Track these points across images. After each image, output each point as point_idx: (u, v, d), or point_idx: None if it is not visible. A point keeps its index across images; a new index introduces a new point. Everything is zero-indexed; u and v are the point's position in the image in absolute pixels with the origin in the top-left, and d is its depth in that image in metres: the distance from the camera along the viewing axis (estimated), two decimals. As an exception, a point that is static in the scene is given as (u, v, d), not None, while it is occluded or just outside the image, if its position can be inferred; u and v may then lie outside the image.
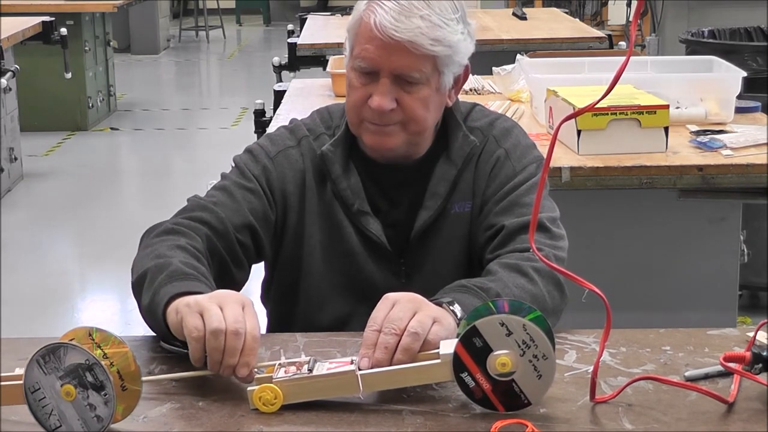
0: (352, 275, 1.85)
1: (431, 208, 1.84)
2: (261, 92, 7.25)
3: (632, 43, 1.42)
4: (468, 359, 1.39)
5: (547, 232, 1.77)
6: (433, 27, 1.72)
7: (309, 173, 1.87)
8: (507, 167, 1.84)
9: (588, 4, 8.98)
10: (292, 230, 1.87)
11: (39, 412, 1.36)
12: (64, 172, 6.71)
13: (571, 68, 3.33)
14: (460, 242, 1.85)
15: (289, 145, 1.89)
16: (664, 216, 2.90)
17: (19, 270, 4.95)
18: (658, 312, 2.92)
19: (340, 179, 1.85)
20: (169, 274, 1.59)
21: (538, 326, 1.38)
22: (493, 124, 1.90)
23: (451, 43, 1.74)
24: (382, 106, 1.75)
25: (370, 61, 1.75)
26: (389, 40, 1.71)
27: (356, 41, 1.77)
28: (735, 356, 1.44)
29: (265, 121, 3.70)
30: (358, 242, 1.85)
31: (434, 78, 1.77)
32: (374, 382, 1.43)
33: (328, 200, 1.86)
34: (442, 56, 1.75)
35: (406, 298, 1.49)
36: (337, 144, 1.86)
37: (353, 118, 1.81)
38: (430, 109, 1.79)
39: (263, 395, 1.41)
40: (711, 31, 4.81)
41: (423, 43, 1.71)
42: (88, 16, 7.71)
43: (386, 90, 1.75)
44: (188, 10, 13.32)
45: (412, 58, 1.73)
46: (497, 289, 1.62)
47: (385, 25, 1.71)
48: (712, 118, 3.06)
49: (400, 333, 1.44)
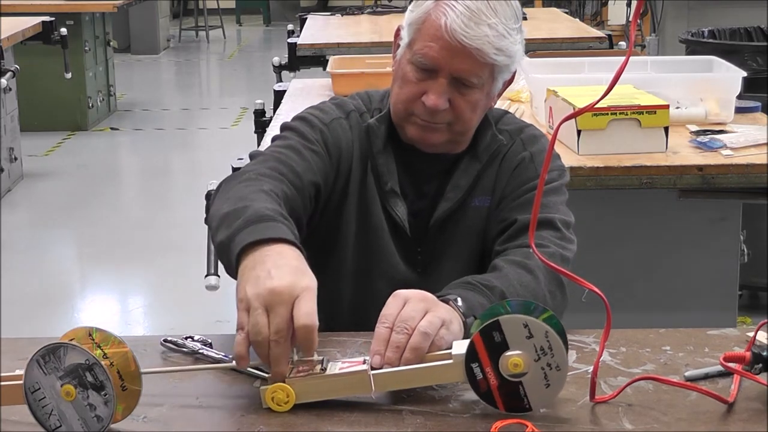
0: (375, 253, 1.87)
1: (452, 199, 1.87)
2: (261, 92, 7.25)
3: (632, 43, 1.42)
4: (483, 351, 1.39)
5: (558, 231, 1.79)
6: (498, 36, 1.74)
7: (356, 144, 1.89)
8: (530, 169, 1.87)
9: (588, 4, 8.99)
10: (336, 198, 1.88)
11: (39, 412, 1.36)
12: (64, 172, 6.71)
13: (571, 68, 3.33)
14: (476, 236, 1.88)
15: (339, 116, 1.91)
16: (664, 216, 2.90)
17: (19, 270, 4.95)
18: (658, 312, 2.92)
19: (380, 154, 1.87)
20: (249, 217, 1.53)
21: (558, 335, 1.37)
22: (522, 130, 1.93)
23: (512, 53, 1.78)
24: (438, 106, 1.78)
25: (433, 60, 1.77)
26: (456, 44, 1.73)
27: (419, 36, 1.78)
28: (735, 356, 1.44)
29: (265, 121, 3.70)
30: (384, 220, 1.88)
31: (489, 84, 1.80)
32: (387, 382, 1.43)
33: (367, 175, 1.89)
34: (502, 65, 1.78)
35: (417, 297, 1.49)
36: (381, 121, 1.89)
37: (401, 110, 1.83)
38: (477, 113, 1.82)
39: (276, 395, 1.41)
40: (711, 31, 4.80)
41: (488, 51, 1.74)
42: (88, 16, 7.71)
43: (443, 90, 1.78)
44: (188, 10, 13.32)
45: (475, 64, 1.75)
46: (502, 287, 1.64)
47: (455, 29, 1.73)
48: (712, 118, 3.06)
49: (410, 332, 1.44)
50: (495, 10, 1.75)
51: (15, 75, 5.96)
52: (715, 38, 4.77)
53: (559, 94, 2.84)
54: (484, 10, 1.74)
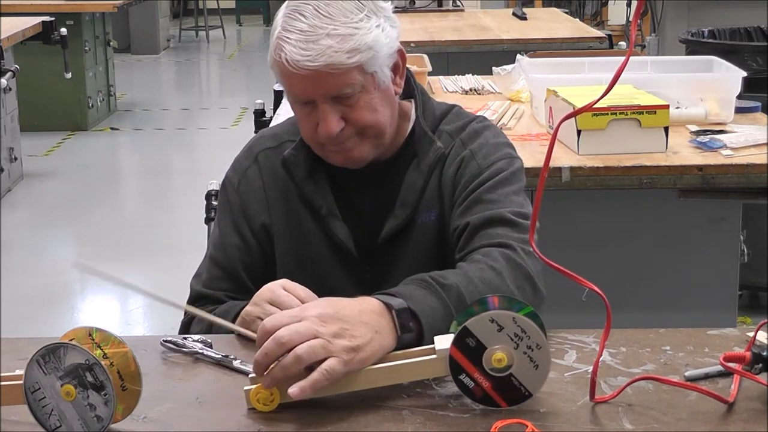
0: (320, 282, 1.78)
1: (400, 217, 1.81)
2: (261, 92, 7.25)
3: (632, 43, 1.41)
4: (464, 360, 1.39)
5: (514, 226, 1.71)
6: (343, 39, 1.67)
7: (269, 186, 1.87)
8: (472, 166, 1.80)
9: (588, 4, 8.98)
10: (269, 245, 1.88)
11: (39, 412, 1.36)
12: (64, 172, 6.71)
13: (571, 68, 3.33)
14: (426, 252, 1.81)
15: (246, 166, 1.90)
16: (664, 216, 2.90)
17: (19, 270, 4.95)
18: (658, 312, 2.91)
19: (305, 182, 1.84)
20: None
21: (527, 317, 1.38)
22: (464, 128, 1.86)
23: (369, 44, 1.68)
24: (331, 131, 1.72)
25: (301, 95, 1.72)
26: (307, 72, 1.67)
27: (280, 78, 1.74)
28: (735, 356, 1.43)
29: (265, 121, 3.70)
30: (325, 247, 1.84)
31: (368, 82, 1.71)
32: (370, 379, 1.43)
33: (293, 207, 1.86)
34: (366, 61, 1.69)
35: (330, 314, 1.44)
36: (299, 148, 1.85)
37: (312, 145, 1.80)
38: (378, 110, 1.75)
39: (260, 394, 1.41)
40: (711, 31, 4.80)
41: (340, 60, 1.66)
42: (88, 16, 7.71)
43: (328, 115, 1.71)
44: (188, 10, 13.32)
45: (337, 77, 1.68)
46: (460, 285, 1.56)
47: (296, 59, 1.66)
48: (712, 118, 3.06)
49: (285, 350, 1.40)
50: (330, 16, 1.67)
51: (15, 75, 5.96)
52: (715, 38, 4.77)
53: (559, 94, 2.84)
54: (318, 24, 1.67)
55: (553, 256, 1.48)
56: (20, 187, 6.34)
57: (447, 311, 1.51)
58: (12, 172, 6.27)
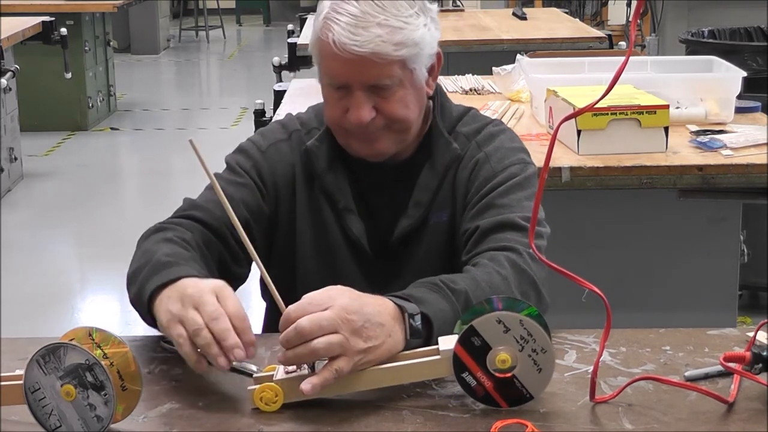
0: (333, 273, 1.82)
1: (413, 216, 1.82)
2: (261, 92, 7.25)
3: (632, 43, 1.42)
4: (468, 359, 1.40)
5: (523, 231, 1.71)
6: (393, 31, 1.68)
7: (298, 166, 1.86)
8: (486, 169, 1.81)
9: (588, 4, 8.98)
10: (284, 224, 1.86)
11: (39, 412, 1.36)
12: (64, 172, 6.71)
13: (571, 68, 3.33)
14: (437, 253, 1.82)
15: (280, 138, 1.88)
16: (664, 216, 2.90)
17: (19, 270, 4.95)
18: (658, 312, 2.91)
19: (326, 174, 1.84)
20: (151, 267, 1.59)
21: (534, 320, 1.38)
22: (480, 130, 1.87)
23: (416, 40, 1.71)
24: (362, 119, 1.73)
25: (338, 78, 1.73)
26: (352, 56, 1.68)
27: (320, 59, 1.75)
28: (735, 356, 1.44)
29: (265, 121, 3.70)
30: (341, 240, 1.84)
31: (407, 77, 1.74)
32: (375, 379, 1.43)
33: (316, 195, 1.85)
34: (410, 56, 1.71)
35: (353, 308, 1.43)
36: (322, 139, 1.85)
37: (337, 130, 1.80)
38: (410, 107, 1.76)
39: (264, 394, 1.42)
40: (711, 31, 4.80)
41: (387, 51, 1.68)
42: (88, 16, 7.71)
43: (362, 102, 1.73)
44: (188, 10, 13.32)
45: (380, 67, 1.69)
46: (468, 289, 1.56)
47: (344, 42, 1.67)
48: (712, 118, 3.06)
49: (303, 340, 1.41)
50: (383, 6, 1.69)
51: (15, 75, 5.96)
52: (715, 38, 4.77)
53: (559, 94, 2.83)
54: (370, 11, 1.68)
55: (553, 257, 1.49)
56: (20, 187, 6.34)
57: (456, 315, 1.51)
58: (12, 172, 6.27)
